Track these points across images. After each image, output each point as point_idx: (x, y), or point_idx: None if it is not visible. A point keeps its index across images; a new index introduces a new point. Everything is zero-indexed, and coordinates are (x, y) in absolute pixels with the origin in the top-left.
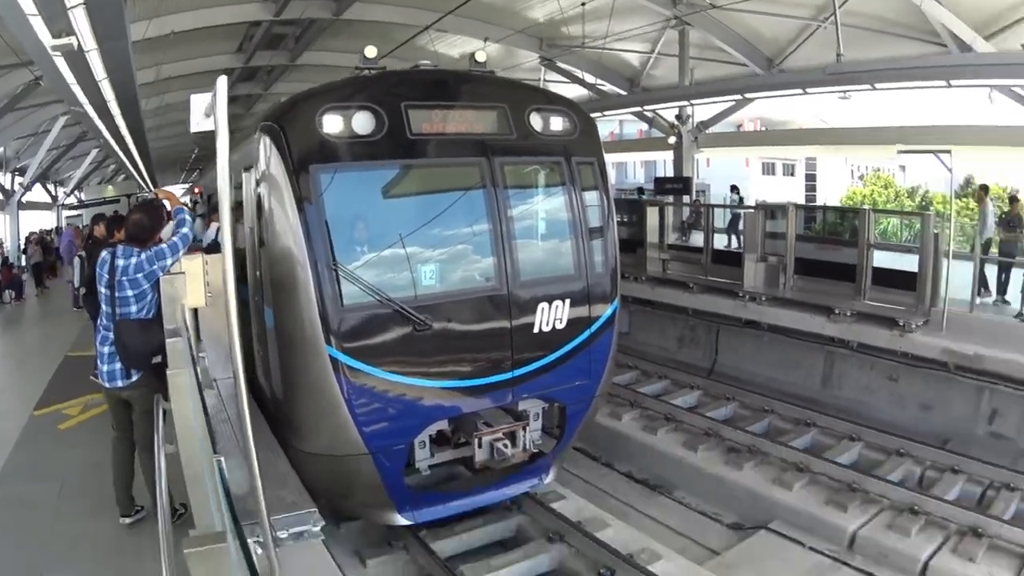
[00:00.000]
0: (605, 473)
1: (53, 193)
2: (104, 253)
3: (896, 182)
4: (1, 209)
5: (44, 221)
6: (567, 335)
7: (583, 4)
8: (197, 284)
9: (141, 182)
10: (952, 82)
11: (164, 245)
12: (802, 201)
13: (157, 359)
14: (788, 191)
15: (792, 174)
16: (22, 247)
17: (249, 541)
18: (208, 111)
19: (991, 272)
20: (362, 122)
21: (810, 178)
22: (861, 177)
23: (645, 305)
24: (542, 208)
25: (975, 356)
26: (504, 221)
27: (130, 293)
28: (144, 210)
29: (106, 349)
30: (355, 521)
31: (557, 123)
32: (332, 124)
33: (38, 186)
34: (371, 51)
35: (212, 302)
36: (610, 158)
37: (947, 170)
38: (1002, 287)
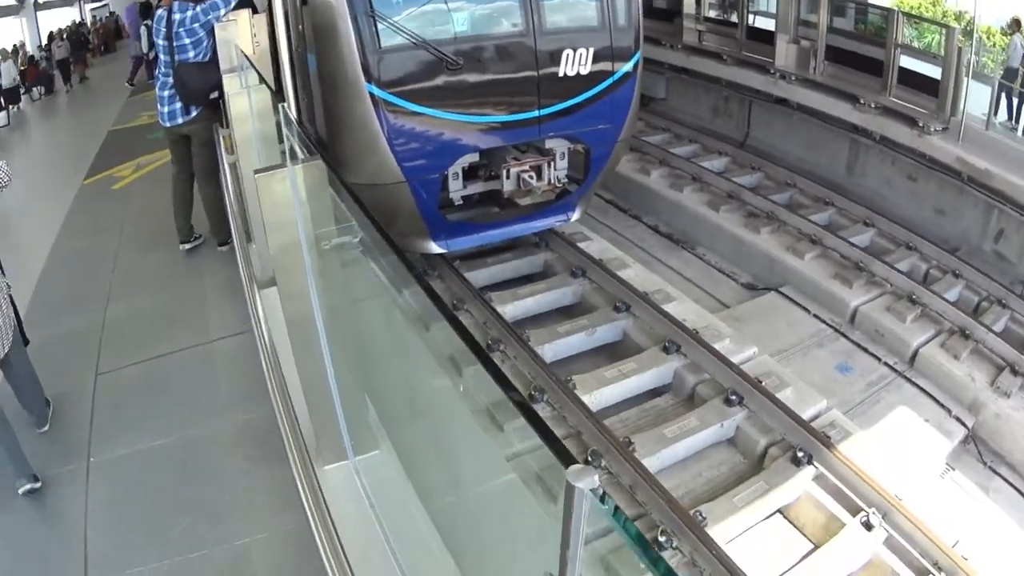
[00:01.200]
0: (632, 224)
1: None
2: (159, 11)
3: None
4: (16, 13)
5: (67, 19)
6: (590, 81)
7: None
8: (244, 34)
9: None
10: None
11: None
12: None
13: (214, 95)
14: None
15: None
16: (44, 44)
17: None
18: None
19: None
20: None
21: None
22: None
23: (681, 72)
24: None
25: (986, 171)
26: None
27: (187, 41)
28: None
29: (166, 93)
30: (393, 256)
31: None
32: None
33: None
34: None
35: (257, 57)
36: None
37: None
38: (1017, 116)
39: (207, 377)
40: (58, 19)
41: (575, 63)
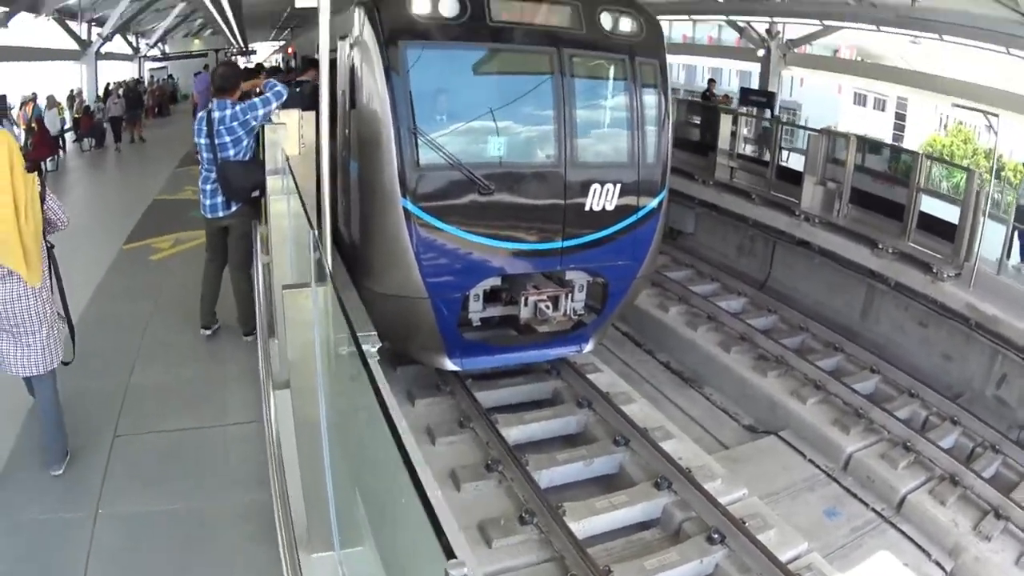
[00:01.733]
0: (645, 359)
1: (135, 45)
2: (200, 113)
3: (976, 139)
4: (77, 59)
5: (124, 72)
6: (614, 217)
7: None
8: (292, 135)
9: (230, 37)
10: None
11: (256, 99)
12: (887, 136)
13: (255, 193)
14: (875, 125)
15: (883, 109)
16: (101, 96)
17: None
18: None
19: None
20: (448, 5)
21: (900, 117)
22: (945, 126)
23: (711, 209)
24: (603, 100)
25: (993, 317)
26: (568, 107)
27: (227, 139)
28: (227, 65)
29: (208, 187)
30: (411, 366)
31: (625, 23)
32: (420, 5)
33: (118, 37)
34: None
35: (305, 153)
36: (679, 59)
37: (993, 133)
38: None
39: (219, 456)
40: (117, 71)
41: (602, 197)
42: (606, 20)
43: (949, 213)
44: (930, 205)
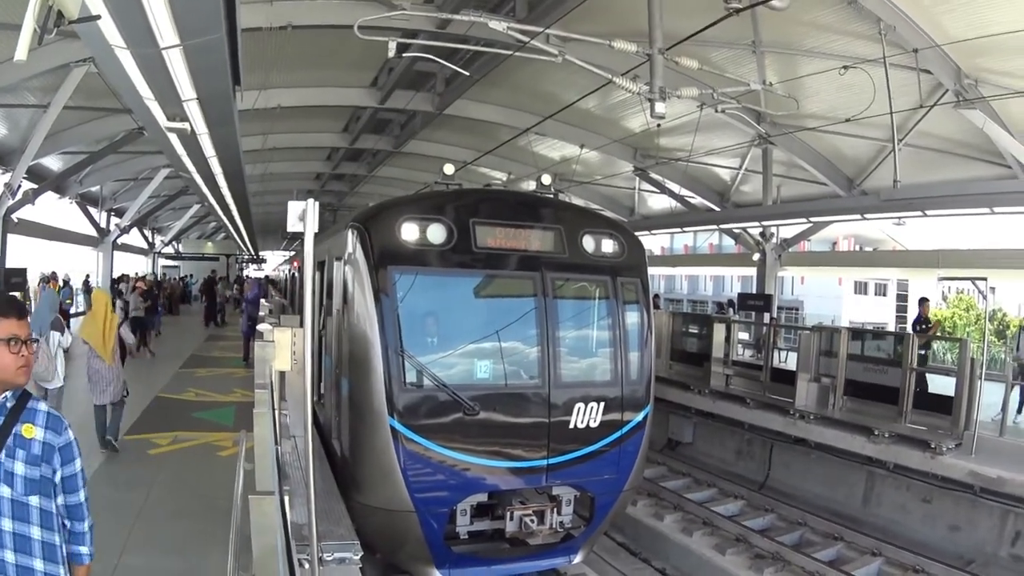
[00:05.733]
0: (640, 568)
1: (150, 240)
2: None
3: (978, 304)
4: (95, 246)
5: (137, 266)
6: (599, 434)
7: (658, 125)
8: (285, 352)
9: (241, 244)
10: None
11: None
12: (891, 322)
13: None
14: (879, 311)
15: (884, 294)
16: (120, 290)
17: (300, 557)
18: (301, 216)
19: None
20: (435, 233)
21: (901, 298)
22: (946, 299)
23: (708, 417)
24: (587, 320)
25: (998, 479)
26: (551, 328)
27: None
28: None
29: None
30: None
31: (607, 245)
32: (409, 232)
33: (135, 229)
34: (449, 168)
35: (297, 369)
36: (684, 271)
37: (982, 297)
38: None
39: None
40: (131, 263)
41: (586, 415)
42: (588, 243)
43: (946, 385)
44: (929, 381)
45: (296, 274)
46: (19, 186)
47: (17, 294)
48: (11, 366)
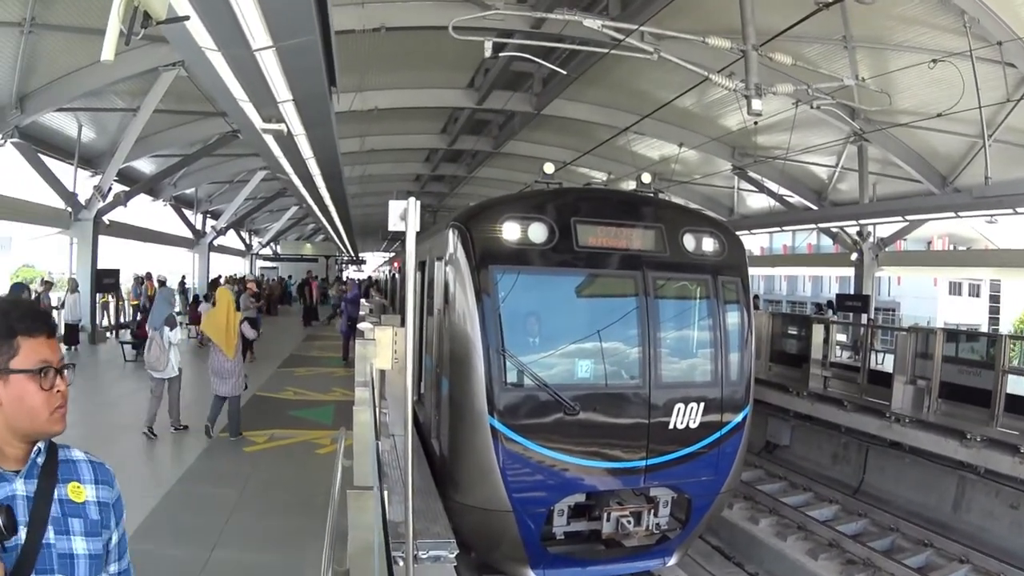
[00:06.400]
0: (734, 572)
1: (247, 241)
2: None
3: None
4: (191, 248)
5: (235, 267)
6: (698, 435)
7: (756, 123)
8: (386, 350)
9: (340, 245)
10: None
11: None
12: (984, 322)
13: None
14: (973, 312)
15: (977, 295)
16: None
17: (395, 555)
18: (402, 215)
19: None
20: (536, 232)
21: (994, 299)
22: None
23: (806, 420)
24: (687, 319)
25: None
26: (652, 328)
27: None
28: None
29: None
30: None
31: (707, 244)
32: (511, 231)
33: (231, 231)
34: (549, 167)
35: (398, 368)
36: (783, 271)
37: None
38: None
39: None
40: (226, 265)
41: (686, 416)
42: (689, 241)
43: None
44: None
45: (396, 275)
46: (109, 189)
47: (109, 296)
48: (42, 409)
